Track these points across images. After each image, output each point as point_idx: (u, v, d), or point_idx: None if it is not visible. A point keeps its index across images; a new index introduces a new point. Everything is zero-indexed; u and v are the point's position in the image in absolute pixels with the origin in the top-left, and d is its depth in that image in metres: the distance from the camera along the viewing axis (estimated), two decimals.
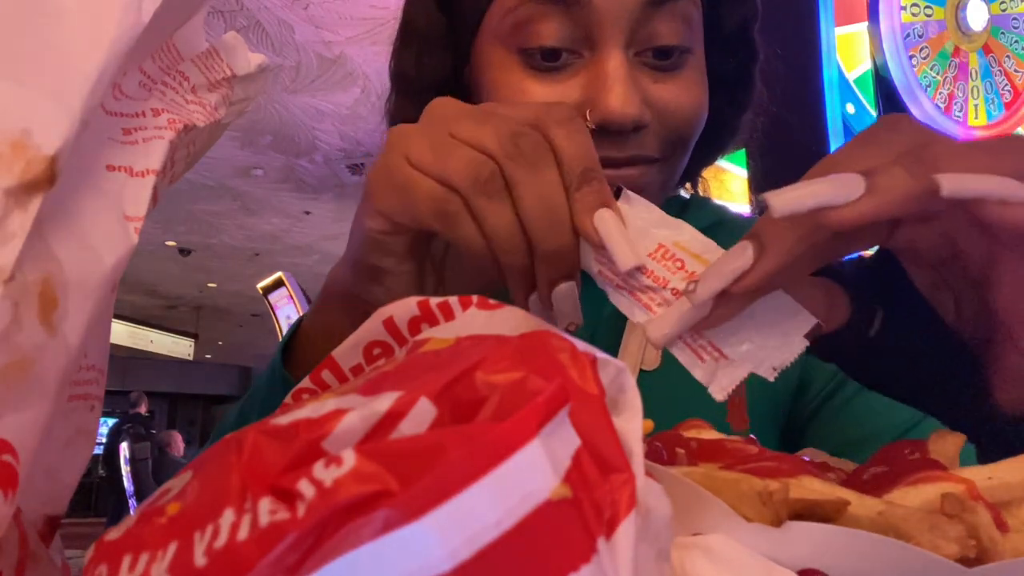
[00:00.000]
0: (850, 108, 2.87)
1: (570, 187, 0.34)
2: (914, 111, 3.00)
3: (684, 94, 0.53)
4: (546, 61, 0.52)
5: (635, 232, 0.33)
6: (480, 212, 0.34)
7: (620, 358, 0.56)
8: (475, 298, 0.28)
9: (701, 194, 0.72)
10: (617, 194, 0.34)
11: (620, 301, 0.34)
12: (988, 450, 0.33)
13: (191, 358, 11.62)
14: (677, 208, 0.66)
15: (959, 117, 3.07)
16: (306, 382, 0.32)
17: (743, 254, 0.30)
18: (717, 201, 0.71)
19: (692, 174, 0.68)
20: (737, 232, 0.66)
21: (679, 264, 0.32)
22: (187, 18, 0.34)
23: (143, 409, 6.89)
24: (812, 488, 0.28)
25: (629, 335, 0.58)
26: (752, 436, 0.37)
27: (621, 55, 0.51)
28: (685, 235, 0.33)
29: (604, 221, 0.33)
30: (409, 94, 0.62)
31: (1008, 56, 3.20)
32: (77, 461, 0.29)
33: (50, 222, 0.25)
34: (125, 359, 10.94)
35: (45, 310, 0.24)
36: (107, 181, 0.28)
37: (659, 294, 0.32)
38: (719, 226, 0.65)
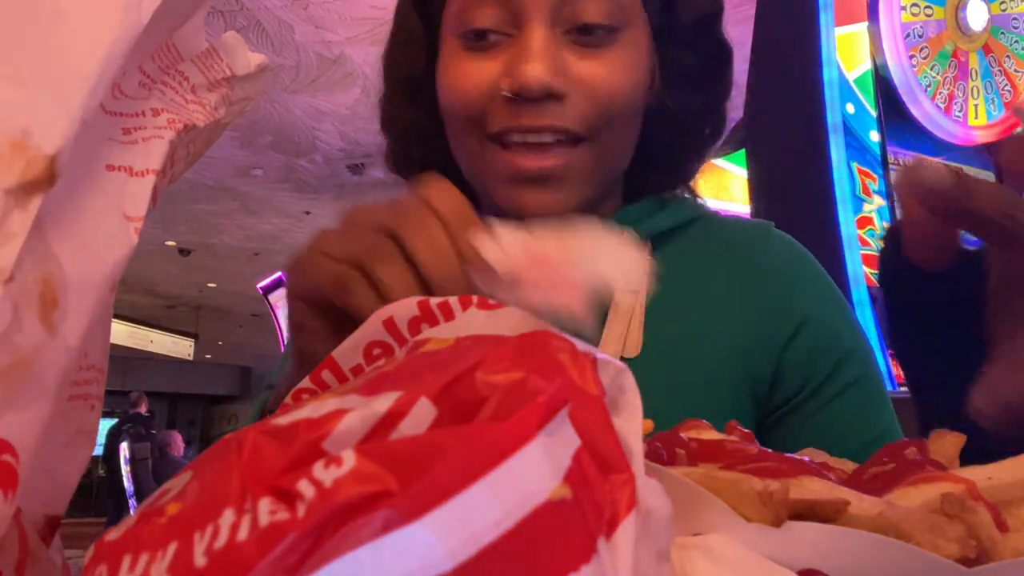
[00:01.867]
0: (850, 108, 2.87)
1: (453, 232, 0.38)
2: (914, 111, 3.00)
3: (607, 71, 0.57)
4: (478, 41, 0.58)
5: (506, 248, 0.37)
6: (378, 276, 0.38)
7: (601, 346, 0.58)
8: (475, 298, 0.28)
9: (690, 195, 0.73)
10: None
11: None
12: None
13: (191, 358, 11.61)
14: (655, 207, 0.67)
15: (959, 117, 3.07)
16: (306, 382, 0.32)
17: None
18: (700, 200, 0.71)
19: (677, 175, 0.69)
20: (714, 228, 0.67)
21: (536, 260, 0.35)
22: (186, 18, 0.34)
23: (143, 409, 6.89)
24: (812, 488, 0.28)
25: (611, 323, 0.60)
26: (749, 432, 0.37)
27: (543, 30, 0.56)
28: (544, 242, 0.36)
29: (481, 244, 0.37)
30: (392, 86, 0.68)
31: (1008, 56, 3.20)
32: (77, 461, 0.29)
33: (51, 222, 0.25)
34: (125, 359, 10.93)
35: (45, 310, 0.24)
36: (107, 181, 0.28)
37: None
38: (695, 222, 0.67)
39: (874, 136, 2.90)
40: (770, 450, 0.33)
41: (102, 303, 0.27)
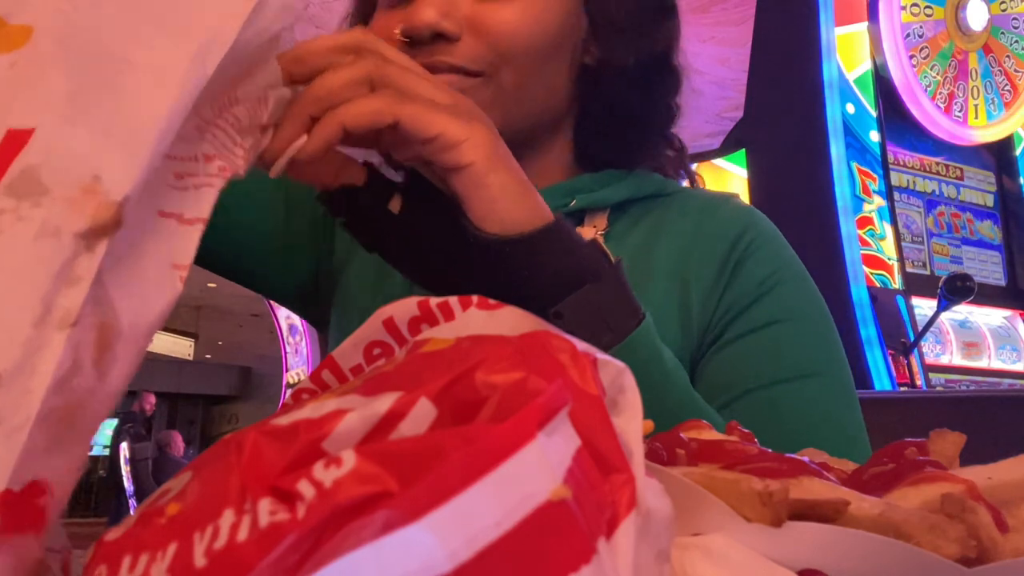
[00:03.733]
0: (850, 108, 2.86)
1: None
2: (914, 111, 2.99)
3: (505, 13, 0.60)
4: None
5: None
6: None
7: None
8: (475, 298, 0.28)
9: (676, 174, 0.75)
10: None
11: None
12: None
13: (191, 358, 11.60)
14: (615, 178, 0.69)
15: (959, 117, 3.07)
16: (306, 382, 0.32)
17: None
18: (672, 178, 0.74)
19: (632, 144, 0.70)
20: (678, 200, 0.70)
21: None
22: (248, 70, 0.34)
23: (149, 408, 6.89)
24: (812, 488, 0.28)
25: None
26: (749, 432, 0.37)
27: None
28: None
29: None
30: None
31: (1008, 56, 3.20)
32: None
33: (108, 268, 0.26)
34: None
35: (99, 355, 0.25)
36: (159, 227, 0.29)
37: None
38: (657, 198, 0.69)
39: (874, 136, 2.90)
40: (770, 450, 0.33)
41: (143, 351, 0.27)
